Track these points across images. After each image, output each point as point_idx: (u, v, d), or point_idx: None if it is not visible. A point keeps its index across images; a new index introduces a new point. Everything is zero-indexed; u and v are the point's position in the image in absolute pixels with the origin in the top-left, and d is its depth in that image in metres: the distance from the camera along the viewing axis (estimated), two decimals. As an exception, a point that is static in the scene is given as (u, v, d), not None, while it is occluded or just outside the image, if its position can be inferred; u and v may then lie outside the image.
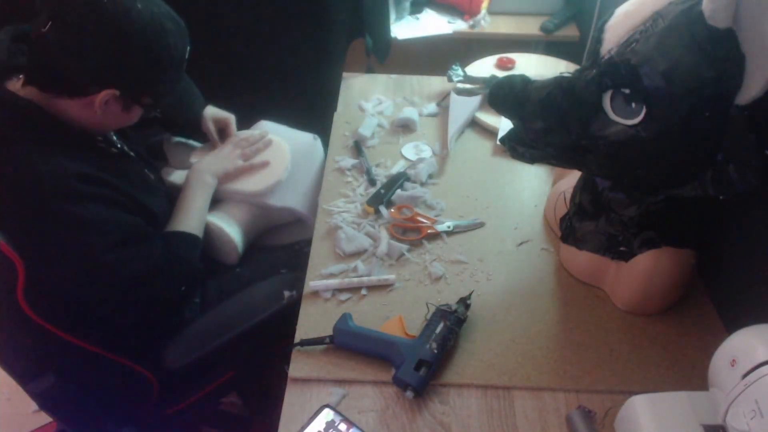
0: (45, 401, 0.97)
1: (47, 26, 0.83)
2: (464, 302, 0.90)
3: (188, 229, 1.09)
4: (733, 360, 0.63)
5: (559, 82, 0.79)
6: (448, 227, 1.07)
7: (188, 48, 0.98)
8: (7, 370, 0.95)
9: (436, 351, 0.82)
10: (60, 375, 0.93)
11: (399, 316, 0.90)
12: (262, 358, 1.23)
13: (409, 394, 0.79)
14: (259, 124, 1.38)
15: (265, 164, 1.24)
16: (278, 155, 1.28)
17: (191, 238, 1.08)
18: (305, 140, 1.37)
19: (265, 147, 1.27)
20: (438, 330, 0.84)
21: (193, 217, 1.11)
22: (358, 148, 1.26)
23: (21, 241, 0.84)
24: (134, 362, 1.04)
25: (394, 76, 1.54)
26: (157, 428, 1.16)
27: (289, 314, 0.95)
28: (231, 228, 1.19)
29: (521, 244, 1.05)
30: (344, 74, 1.55)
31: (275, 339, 1.10)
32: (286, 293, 1.16)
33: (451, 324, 0.85)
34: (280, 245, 1.31)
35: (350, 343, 0.85)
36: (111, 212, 0.93)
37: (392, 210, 1.09)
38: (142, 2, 0.88)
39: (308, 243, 1.06)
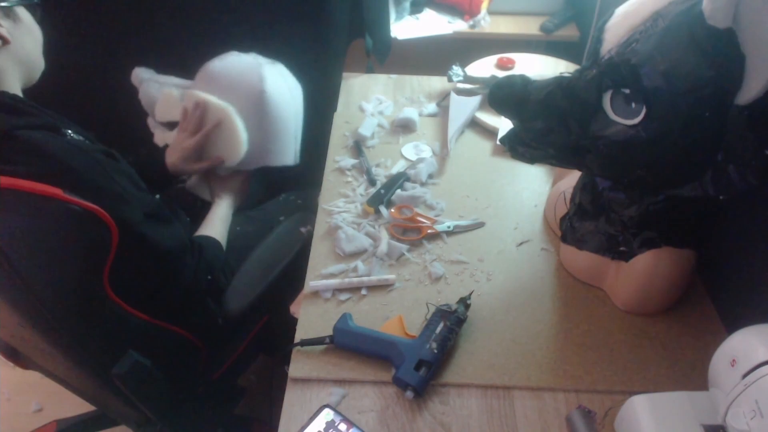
0: (129, 382, 0.93)
1: None
2: (464, 302, 0.90)
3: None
4: (733, 360, 0.63)
5: (559, 82, 0.79)
6: (448, 227, 1.07)
7: None
8: (86, 357, 0.92)
9: (436, 351, 0.82)
10: (137, 353, 0.93)
11: (399, 316, 0.90)
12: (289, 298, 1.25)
13: (409, 394, 0.79)
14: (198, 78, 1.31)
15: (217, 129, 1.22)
16: (227, 130, 1.22)
17: (212, 239, 1.16)
18: (249, 90, 1.23)
19: (203, 114, 1.22)
20: (438, 330, 0.84)
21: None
22: (358, 148, 1.26)
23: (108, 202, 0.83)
24: (186, 330, 1.08)
25: (394, 76, 1.54)
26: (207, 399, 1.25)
27: (304, 249, 1.06)
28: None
29: (521, 244, 1.05)
30: (344, 74, 1.55)
31: (298, 274, 1.13)
32: (302, 230, 1.28)
33: (451, 324, 0.85)
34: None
35: (350, 343, 0.85)
36: (135, 189, 0.92)
37: (392, 210, 1.09)
38: None
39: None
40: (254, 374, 1.69)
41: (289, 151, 1.31)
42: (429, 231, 1.05)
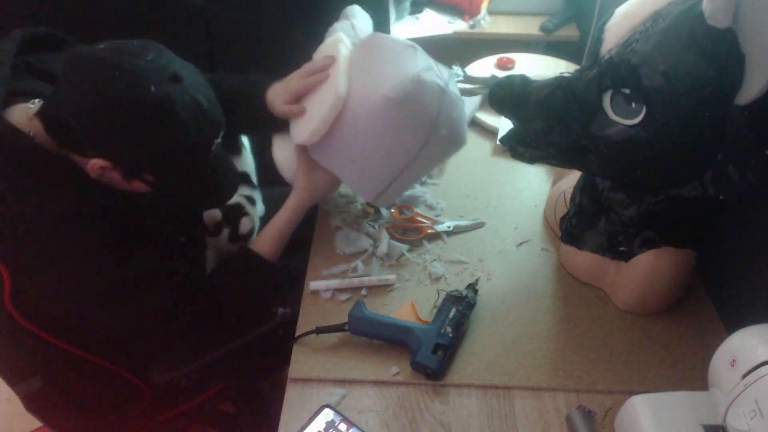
0: (31, 403, 0.96)
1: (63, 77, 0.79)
2: (473, 288, 0.91)
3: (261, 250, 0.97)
4: (733, 360, 0.63)
5: (559, 82, 0.79)
6: (448, 227, 1.07)
7: (216, 140, 0.87)
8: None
9: (451, 335, 0.84)
10: (48, 378, 0.92)
11: (411, 302, 0.91)
12: (254, 372, 1.19)
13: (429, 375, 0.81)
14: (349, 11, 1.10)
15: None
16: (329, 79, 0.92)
17: (247, 267, 0.96)
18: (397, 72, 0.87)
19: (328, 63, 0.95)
20: (451, 315, 0.86)
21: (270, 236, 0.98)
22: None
23: (8, 253, 0.80)
24: (125, 370, 1.01)
25: (394, 76, 1.53)
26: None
27: (286, 330, 0.91)
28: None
29: (521, 244, 1.05)
30: (344, 74, 1.54)
31: (270, 354, 1.08)
32: (279, 310, 1.07)
33: (463, 309, 0.87)
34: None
35: (365, 330, 0.86)
36: (111, 252, 0.84)
37: (392, 210, 1.09)
38: (184, 91, 0.80)
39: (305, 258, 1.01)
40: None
41: (373, 184, 0.94)
42: (429, 231, 1.05)
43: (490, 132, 1.32)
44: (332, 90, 0.89)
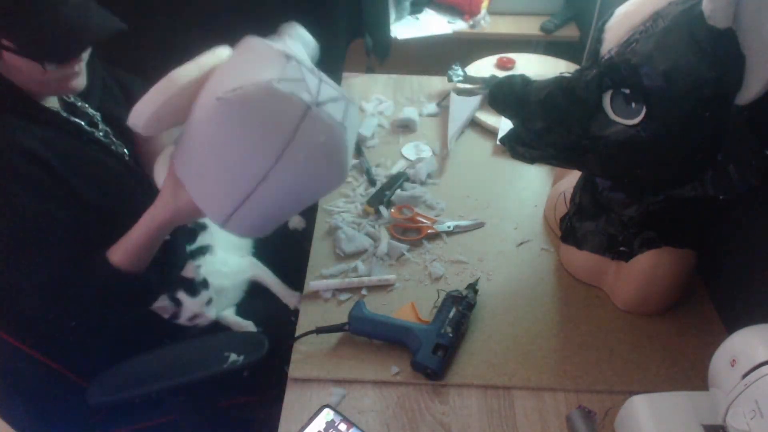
0: None
1: None
2: (473, 288, 0.91)
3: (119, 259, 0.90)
4: (733, 360, 0.63)
5: (559, 82, 0.79)
6: (448, 227, 1.07)
7: None
8: None
9: (451, 335, 0.84)
10: (4, 380, 0.91)
11: (411, 302, 0.91)
12: (209, 412, 1.10)
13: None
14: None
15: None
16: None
17: (113, 275, 0.89)
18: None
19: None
20: (451, 315, 0.86)
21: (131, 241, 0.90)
22: (358, 148, 1.26)
23: None
24: (81, 378, 0.98)
25: (394, 76, 1.54)
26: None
27: (250, 376, 0.87)
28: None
29: (521, 244, 1.05)
30: (344, 74, 1.55)
31: (225, 396, 1.04)
32: (232, 356, 0.94)
33: (463, 309, 0.87)
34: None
35: (365, 330, 0.86)
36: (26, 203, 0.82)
37: (392, 210, 1.09)
38: None
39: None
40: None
41: (219, 202, 0.81)
42: (429, 231, 1.05)
43: (490, 132, 1.32)
44: (170, 73, 0.80)
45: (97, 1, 0.88)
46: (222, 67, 0.81)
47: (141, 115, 0.78)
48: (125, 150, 1.03)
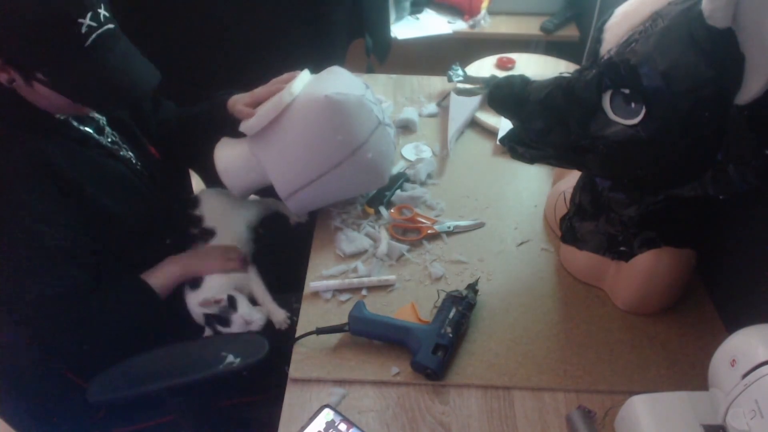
0: None
1: None
2: (473, 288, 0.91)
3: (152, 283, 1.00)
4: (733, 360, 0.63)
5: (559, 82, 0.79)
6: (448, 227, 1.07)
7: (81, 18, 0.81)
8: None
9: (451, 335, 0.84)
10: (4, 380, 0.92)
11: (411, 303, 0.91)
12: (208, 412, 1.11)
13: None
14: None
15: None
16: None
17: (137, 297, 0.99)
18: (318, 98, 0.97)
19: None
20: (451, 315, 0.86)
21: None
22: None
23: None
24: (81, 379, 0.98)
25: (394, 76, 1.54)
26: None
27: (250, 376, 0.89)
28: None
29: (521, 244, 1.05)
30: (344, 74, 1.55)
31: (225, 396, 1.05)
32: (229, 357, 0.95)
33: (463, 309, 0.87)
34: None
35: (366, 330, 0.86)
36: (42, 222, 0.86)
37: (392, 210, 1.09)
38: None
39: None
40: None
41: (290, 179, 1.01)
42: (429, 231, 1.05)
43: (490, 132, 1.32)
44: (284, 91, 1.00)
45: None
46: (319, 78, 1.04)
47: (254, 128, 0.99)
48: (131, 153, 1.05)
